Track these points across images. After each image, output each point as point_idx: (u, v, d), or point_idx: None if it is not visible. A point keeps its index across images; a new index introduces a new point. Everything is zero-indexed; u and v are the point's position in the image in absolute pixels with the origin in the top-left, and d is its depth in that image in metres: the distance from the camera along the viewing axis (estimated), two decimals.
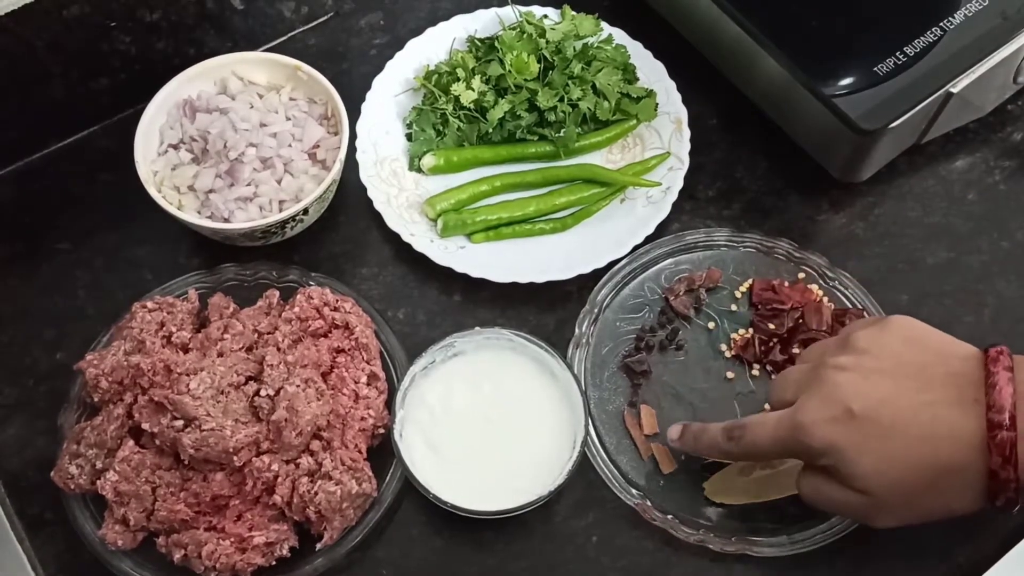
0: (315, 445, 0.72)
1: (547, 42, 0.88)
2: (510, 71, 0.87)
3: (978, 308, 0.83)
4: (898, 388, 0.63)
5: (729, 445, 0.69)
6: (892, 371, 0.64)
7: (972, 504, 0.63)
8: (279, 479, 0.71)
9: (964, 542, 0.75)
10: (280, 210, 0.81)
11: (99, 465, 0.72)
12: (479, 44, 0.91)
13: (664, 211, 0.85)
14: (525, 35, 0.89)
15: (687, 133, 0.88)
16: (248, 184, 0.81)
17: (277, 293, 0.79)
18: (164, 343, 0.75)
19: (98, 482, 0.71)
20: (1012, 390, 0.60)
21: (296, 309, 0.76)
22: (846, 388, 0.63)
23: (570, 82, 0.87)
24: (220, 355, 0.74)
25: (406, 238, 0.84)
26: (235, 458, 0.70)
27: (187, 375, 0.71)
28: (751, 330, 0.81)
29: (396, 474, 0.75)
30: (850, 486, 0.63)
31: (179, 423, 0.70)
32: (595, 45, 0.90)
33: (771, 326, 0.80)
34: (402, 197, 0.87)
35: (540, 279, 0.82)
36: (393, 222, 0.84)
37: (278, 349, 0.74)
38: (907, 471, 0.62)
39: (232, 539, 0.70)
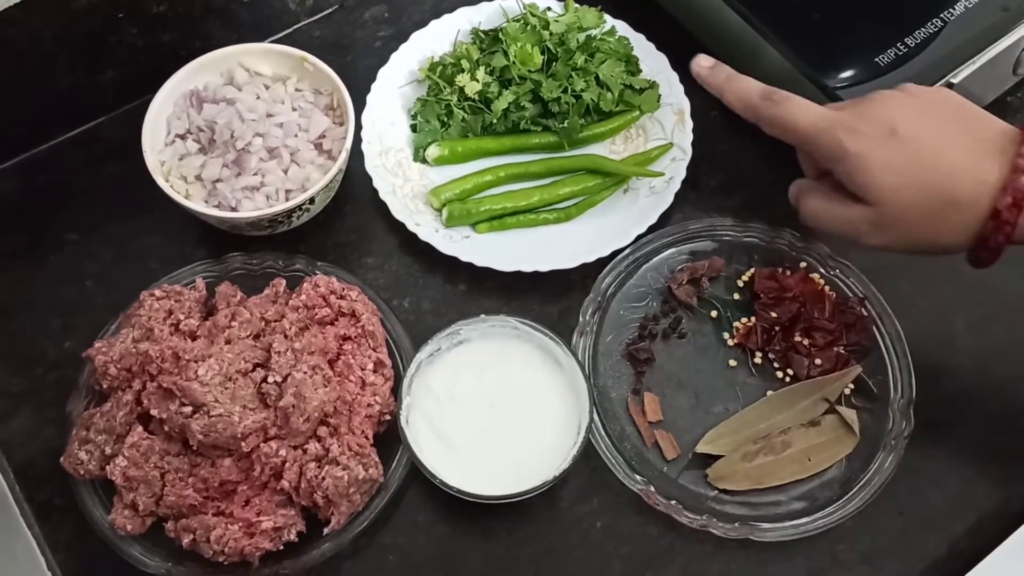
0: (322, 431, 0.73)
1: (551, 34, 0.89)
2: (514, 62, 0.88)
3: (979, 297, 0.84)
4: (942, 126, 0.67)
5: (763, 104, 0.72)
6: (940, 113, 0.68)
7: (960, 242, 0.68)
8: (287, 464, 0.71)
9: (965, 527, 0.75)
10: (287, 199, 0.82)
11: (108, 451, 0.73)
12: (483, 36, 0.91)
13: (667, 201, 0.85)
14: (529, 27, 0.90)
15: (689, 124, 0.89)
16: (255, 174, 0.82)
17: (284, 282, 0.80)
18: (172, 331, 0.76)
19: (107, 468, 0.72)
20: None
21: (303, 297, 0.77)
22: (896, 110, 0.67)
23: (573, 73, 0.88)
24: (228, 342, 0.74)
25: (411, 228, 0.84)
26: (243, 444, 0.70)
27: (195, 362, 0.72)
28: (753, 319, 0.82)
29: (402, 460, 0.75)
30: (859, 199, 0.67)
31: (187, 409, 0.71)
32: (598, 37, 0.91)
33: (773, 315, 0.81)
34: (407, 187, 0.87)
35: (544, 268, 0.83)
36: (398, 212, 0.85)
37: (285, 336, 0.74)
38: (921, 194, 0.66)
39: (240, 524, 0.71)
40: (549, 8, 0.92)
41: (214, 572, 0.72)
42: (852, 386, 0.79)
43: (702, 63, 0.76)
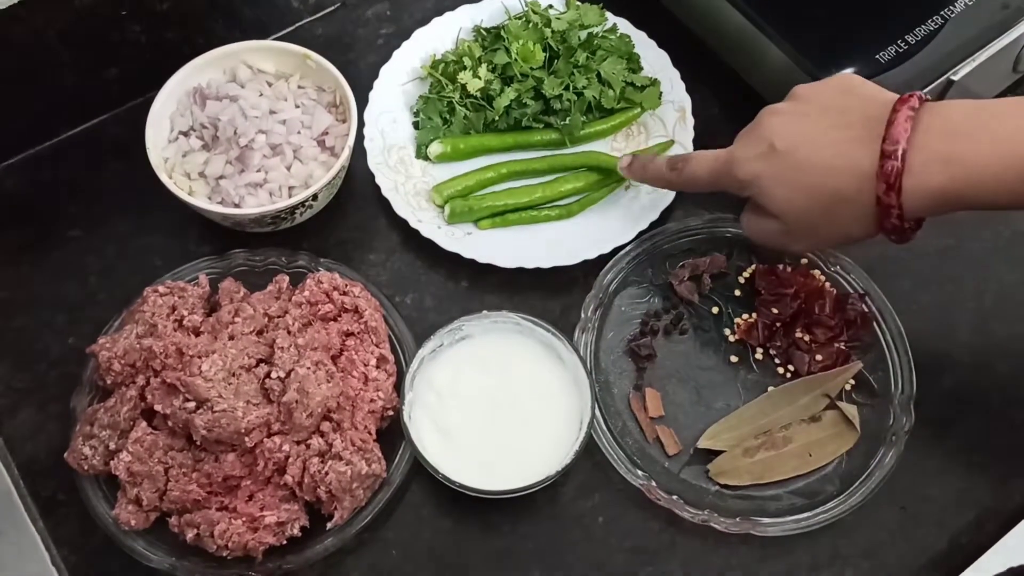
0: (325, 426, 0.73)
1: (552, 31, 0.89)
2: (516, 60, 0.88)
3: (979, 294, 0.84)
4: (817, 127, 0.69)
5: (671, 175, 0.78)
6: (817, 114, 0.70)
7: (865, 231, 0.70)
8: (290, 460, 0.72)
9: (965, 523, 0.76)
10: (290, 196, 0.82)
11: (112, 446, 0.73)
12: (485, 33, 0.92)
13: (668, 198, 0.86)
14: (531, 24, 0.90)
15: (691, 121, 0.89)
16: (258, 170, 0.82)
17: (287, 278, 0.80)
18: (176, 326, 0.76)
19: (111, 463, 0.72)
20: (909, 127, 0.65)
21: (306, 293, 0.77)
22: (774, 128, 0.70)
23: (575, 71, 0.88)
24: (231, 338, 0.74)
25: (414, 224, 0.85)
26: (247, 439, 0.71)
27: (199, 357, 0.72)
28: (755, 315, 0.82)
29: (405, 455, 0.76)
30: (770, 215, 0.72)
31: (191, 404, 0.71)
32: (600, 34, 0.91)
33: (774, 311, 0.81)
34: (409, 184, 0.88)
35: (546, 265, 0.83)
36: (401, 209, 0.85)
37: (288, 332, 0.75)
38: (811, 200, 0.69)
39: (244, 519, 0.71)
40: (551, 6, 0.93)
41: (218, 567, 0.72)
42: (853, 382, 0.79)
43: (621, 164, 0.83)
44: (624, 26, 0.92)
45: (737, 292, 0.83)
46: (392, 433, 0.76)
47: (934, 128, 0.65)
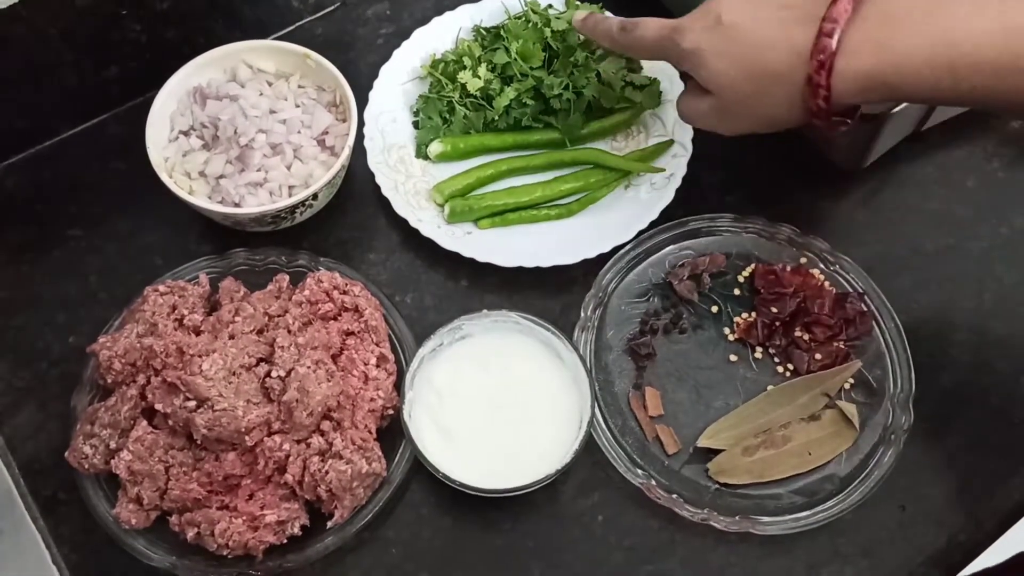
0: (326, 425, 0.73)
1: (552, 31, 0.89)
2: (516, 59, 0.88)
3: (978, 293, 0.84)
4: (765, 3, 0.69)
5: (619, 35, 0.78)
6: None
7: (792, 113, 0.69)
8: (290, 459, 0.72)
9: (964, 521, 0.76)
10: (290, 195, 0.82)
11: (113, 445, 0.73)
12: (485, 33, 0.92)
13: (668, 197, 0.86)
14: (530, 24, 0.90)
15: None
16: (258, 170, 0.82)
17: (287, 277, 0.80)
18: (176, 326, 0.76)
19: (112, 462, 0.72)
20: (850, 9, 0.65)
21: (306, 292, 0.77)
22: (723, 1, 0.70)
23: (575, 70, 0.88)
24: (231, 337, 0.75)
25: (413, 224, 0.85)
26: (247, 438, 0.71)
27: (199, 356, 0.72)
28: (754, 314, 0.82)
29: (405, 454, 0.76)
30: (705, 92, 0.71)
31: (192, 403, 0.71)
32: None
33: (774, 310, 0.81)
34: (409, 183, 0.88)
35: (546, 264, 0.83)
36: (401, 208, 0.85)
37: (289, 331, 0.75)
38: (746, 75, 0.69)
39: (244, 518, 0.71)
40: (551, 5, 0.93)
41: (218, 566, 0.72)
42: (852, 381, 0.79)
43: (577, 16, 0.83)
44: None
45: (736, 291, 0.84)
46: (392, 432, 0.76)
47: (873, 13, 0.65)
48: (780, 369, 0.81)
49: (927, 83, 0.64)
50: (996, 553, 0.73)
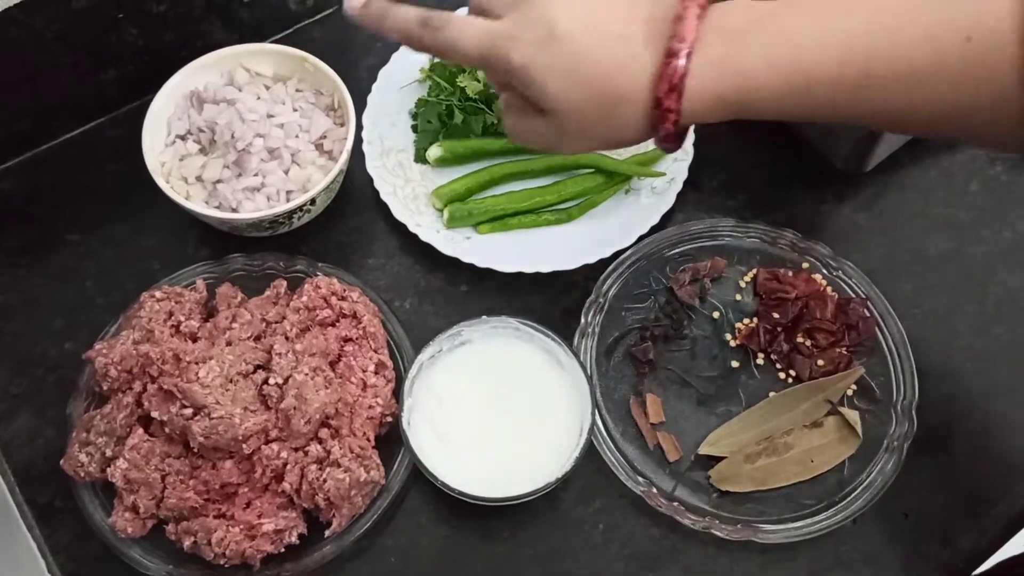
0: (323, 433, 0.73)
1: None
2: None
3: (981, 298, 0.84)
4: (603, 14, 0.61)
5: (423, 33, 0.64)
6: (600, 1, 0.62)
7: (637, 135, 0.63)
8: (288, 467, 0.71)
9: (967, 528, 0.75)
10: (287, 200, 0.81)
11: (109, 453, 0.72)
12: None
13: (669, 202, 0.85)
14: None
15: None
16: (255, 174, 0.82)
17: (285, 283, 0.79)
18: (173, 332, 0.76)
19: (108, 470, 0.71)
20: (697, 26, 0.59)
21: (304, 298, 0.77)
22: (555, 6, 0.61)
23: None
24: (228, 344, 0.74)
25: (412, 229, 0.84)
26: (244, 446, 0.70)
27: (196, 363, 0.72)
28: (756, 319, 0.81)
29: (404, 462, 0.75)
30: (539, 110, 0.62)
31: (188, 411, 0.71)
32: None
33: (775, 315, 0.81)
34: (408, 188, 0.87)
35: (546, 269, 0.82)
36: (399, 213, 0.85)
37: (286, 338, 0.74)
38: (586, 95, 0.61)
39: (241, 526, 0.71)
40: None
41: (215, 575, 0.72)
42: (854, 387, 0.79)
43: (353, 2, 0.66)
44: None
45: (738, 297, 0.83)
46: (391, 440, 0.76)
47: (713, 27, 0.59)
48: (782, 375, 0.80)
49: (774, 100, 0.59)
50: (1000, 562, 0.73)
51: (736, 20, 0.60)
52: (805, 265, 0.83)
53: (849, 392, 0.79)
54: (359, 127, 0.87)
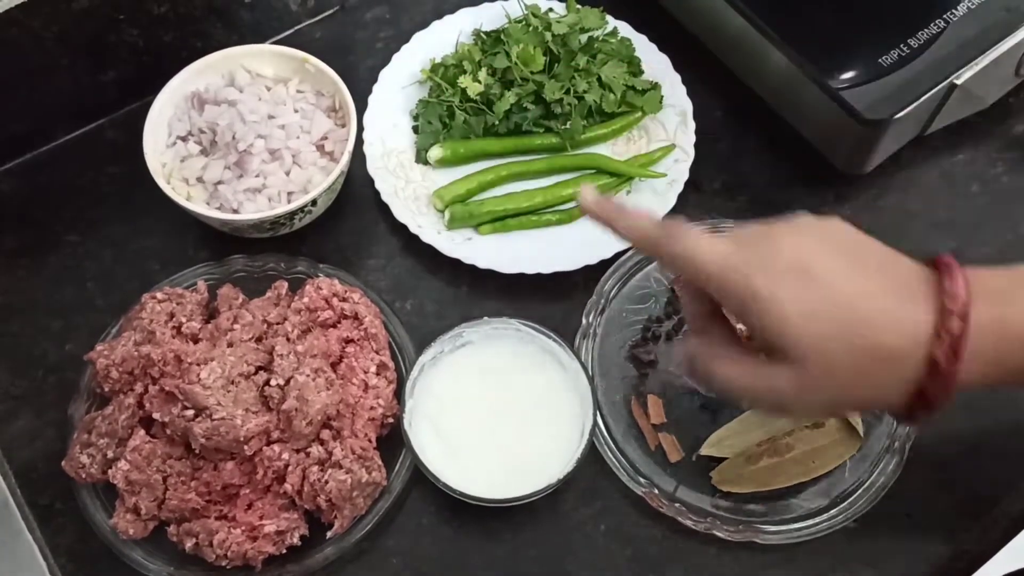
0: (325, 434, 0.73)
1: (553, 35, 0.89)
2: (516, 63, 0.88)
3: None
4: (854, 264, 0.57)
5: (660, 239, 0.60)
6: (847, 250, 0.58)
7: (899, 399, 0.57)
8: (289, 468, 0.71)
9: (969, 528, 0.75)
10: (288, 201, 0.81)
11: (110, 454, 0.72)
12: (485, 37, 0.91)
13: (670, 203, 0.85)
14: (531, 28, 0.89)
15: (692, 125, 0.88)
16: (257, 175, 0.81)
17: (286, 284, 0.79)
18: (174, 333, 0.75)
19: (109, 471, 0.71)
20: (966, 283, 0.56)
21: (305, 299, 0.77)
22: (806, 247, 0.57)
23: (576, 74, 0.88)
24: (230, 345, 0.74)
25: (413, 230, 0.84)
26: (246, 447, 0.70)
27: (197, 365, 0.72)
28: None
29: (405, 463, 0.75)
30: (780, 358, 0.57)
31: (190, 412, 0.70)
32: (600, 38, 0.91)
33: None
34: (409, 189, 0.87)
35: (547, 270, 0.82)
36: (400, 214, 0.85)
37: (288, 339, 0.74)
38: (850, 348, 0.56)
39: (243, 528, 0.71)
40: (551, 9, 0.92)
41: None
42: None
43: (587, 195, 0.63)
44: (625, 29, 0.92)
45: None
46: (392, 441, 0.76)
47: (978, 289, 0.56)
48: None
49: None
50: (1002, 562, 0.72)
51: (999, 283, 0.57)
52: None
53: None
54: (360, 128, 0.86)
